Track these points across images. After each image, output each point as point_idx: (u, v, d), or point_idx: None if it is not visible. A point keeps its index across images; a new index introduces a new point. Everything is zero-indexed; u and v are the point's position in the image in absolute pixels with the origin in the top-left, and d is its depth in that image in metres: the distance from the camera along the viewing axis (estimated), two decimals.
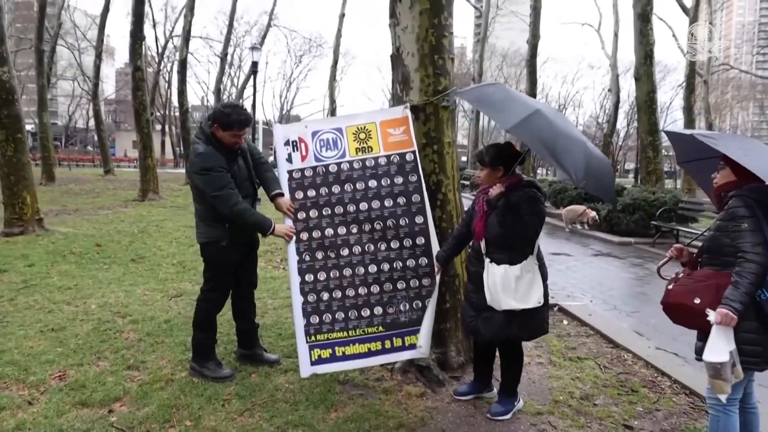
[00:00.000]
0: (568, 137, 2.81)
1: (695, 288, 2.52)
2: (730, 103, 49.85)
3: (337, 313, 3.50)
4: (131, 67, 16.44)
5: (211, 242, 3.57)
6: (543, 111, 2.89)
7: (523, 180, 3.20)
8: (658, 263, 3.04)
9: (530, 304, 3.04)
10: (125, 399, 3.33)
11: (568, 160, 2.68)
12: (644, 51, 13.48)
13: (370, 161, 3.62)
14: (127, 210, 13.38)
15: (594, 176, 2.80)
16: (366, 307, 3.53)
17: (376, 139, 3.64)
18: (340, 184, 3.59)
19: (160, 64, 40.92)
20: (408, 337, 3.56)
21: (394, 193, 3.58)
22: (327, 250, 3.53)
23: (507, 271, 3.05)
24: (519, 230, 3.05)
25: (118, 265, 7.01)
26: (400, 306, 3.55)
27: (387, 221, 3.56)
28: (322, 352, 3.47)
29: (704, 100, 26.28)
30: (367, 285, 3.53)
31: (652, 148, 13.45)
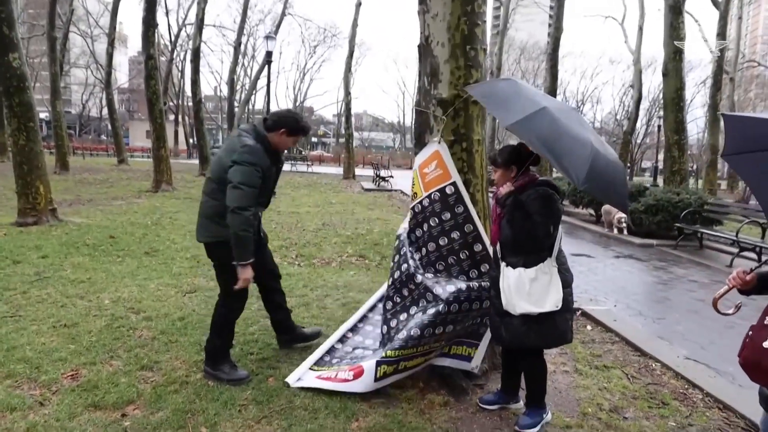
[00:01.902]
0: (573, 137, 2.63)
1: None
2: (753, 101, 48.83)
3: (413, 330, 3.39)
4: (144, 55, 16.36)
5: (220, 242, 3.36)
6: (550, 109, 2.72)
7: (538, 179, 3.07)
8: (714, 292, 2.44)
9: (546, 307, 2.92)
10: (139, 402, 3.21)
11: (569, 161, 2.53)
12: (674, 45, 13.04)
13: (417, 207, 3.65)
14: (140, 201, 13.34)
15: (600, 179, 2.62)
16: (441, 325, 3.42)
17: (418, 184, 3.66)
18: (412, 232, 3.73)
19: (173, 53, 41.01)
20: (466, 348, 3.66)
21: (445, 230, 3.54)
22: (408, 280, 3.58)
23: (521, 273, 2.96)
24: (528, 230, 2.93)
25: (132, 258, 6.92)
26: (467, 323, 3.55)
27: (448, 258, 3.56)
28: (388, 368, 3.38)
29: (729, 98, 25.76)
30: (448, 304, 3.40)
31: (677, 147, 13.08)
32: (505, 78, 4.61)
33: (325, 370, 3.58)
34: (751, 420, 3.40)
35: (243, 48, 39.30)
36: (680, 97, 13.37)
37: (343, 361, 3.71)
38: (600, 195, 2.83)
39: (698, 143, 38.44)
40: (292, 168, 32.77)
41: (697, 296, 7.14)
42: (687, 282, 8.01)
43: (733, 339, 5.31)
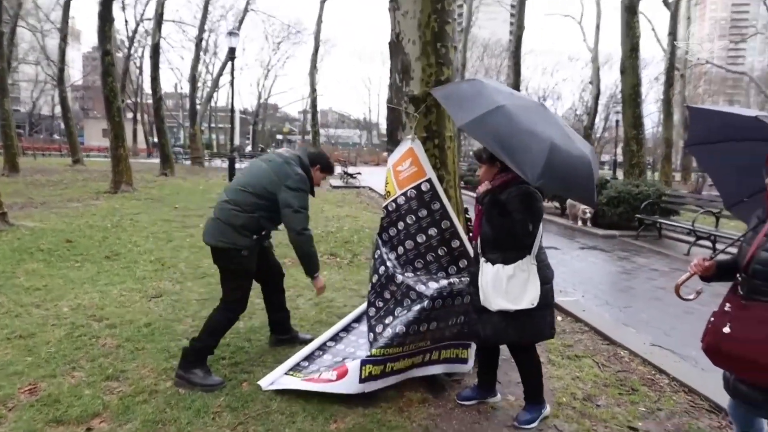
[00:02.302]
0: (530, 133, 2.62)
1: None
2: (702, 96, 50.87)
3: (398, 327, 3.34)
4: (100, 51, 15.74)
5: (233, 249, 3.48)
6: (507, 107, 2.72)
7: (519, 178, 3.02)
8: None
9: (522, 305, 2.93)
10: (105, 414, 3.06)
11: (523, 158, 2.54)
12: (630, 43, 13.48)
13: (391, 205, 3.60)
14: (98, 203, 12.84)
15: (558, 175, 2.60)
16: (425, 322, 3.39)
17: (392, 182, 3.62)
18: (385, 231, 3.67)
19: (131, 49, 39.72)
20: (444, 351, 3.62)
21: (423, 227, 3.52)
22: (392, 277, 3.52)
23: (499, 270, 2.96)
24: (507, 227, 2.93)
25: (91, 263, 6.62)
26: (449, 321, 3.50)
27: (427, 256, 3.54)
28: (374, 368, 3.29)
29: (681, 93, 26.73)
30: (432, 300, 3.38)
31: (635, 141, 13.49)
32: (470, 79, 4.63)
33: (299, 376, 3.50)
34: (714, 402, 3.53)
35: (204, 44, 38.36)
36: (637, 93, 13.80)
37: (323, 368, 3.61)
38: (559, 190, 2.83)
39: (653, 137, 39.70)
40: None
41: (659, 284, 7.37)
42: (648, 271, 8.26)
43: (694, 324, 5.49)
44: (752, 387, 2.17)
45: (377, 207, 14.12)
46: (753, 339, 2.02)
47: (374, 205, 15.11)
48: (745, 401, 2.23)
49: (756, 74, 47.66)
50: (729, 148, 2.55)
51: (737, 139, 2.47)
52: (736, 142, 2.49)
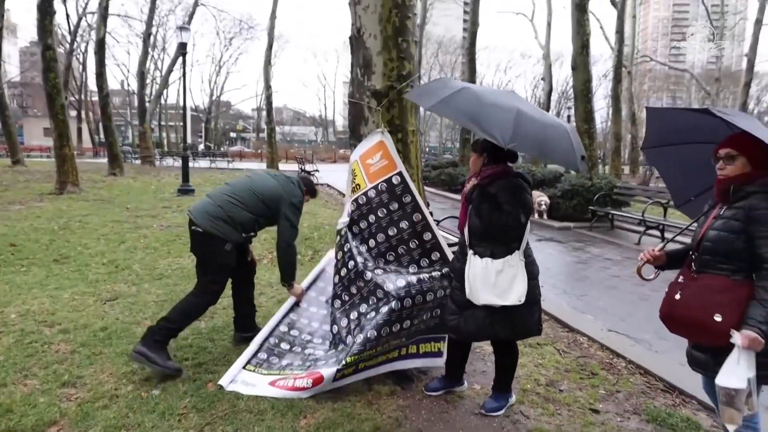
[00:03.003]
0: (495, 105, 2.74)
1: (714, 302, 2.17)
2: (647, 93, 53.08)
3: (370, 332, 3.31)
4: (40, 46, 14.87)
5: (218, 238, 3.59)
6: (472, 87, 2.89)
7: (511, 171, 3.09)
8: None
9: (509, 300, 2.92)
10: (62, 422, 2.92)
11: (492, 124, 2.63)
12: (581, 41, 13.90)
13: (361, 198, 3.60)
14: (43, 204, 12.20)
15: (530, 138, 2.70)
16: (398, 323, 3.39)
17: (361, 175, 3.62)
18: (356, 224, 3.69)
19: (73, 44, 38.02)
20: (422, 345, 3.63)
21: (394, 220, 3.52)
22: (359, 277, 3.55)
23: (488, 264, 2.95)
24: (496, 220, 2.95)
25: (39, 267, 6.29)
26: (423, 316, 3.50)
27: (398, 248, 3.54)
28: (347, 370, 3.31)
29: (628, 89, 27.74)
30: (401, 299, 3.37)
31: (587, 135, 13.92)
32: (438, 78, 4.74)
33: (264, 372, 3.45)
34: (668, 382, 3.73)
35: (153, 39, 37.16)
36: (588, 89, 14.27)
37: (285, 358, 3.59)
38: (535, 153, 2.95)
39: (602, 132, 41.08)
40: (212, 165, 31.55)
41: (613, 273, 7.67)
42: (603, 260, 8.57)
43: (647, 310, 5.76)
44: (703, 352, 2.34)
45: (336, 204, 14.05)
46: (700, 304, 2.22)
47: (333, 201, 15.02)
48: (700, 367, 2.38)
49: (697, 71, 50.04)
50: (677, 151, 2.74)
51: (685, 142, 2.67)
52: (683, 146, 2.69)
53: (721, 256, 2.24)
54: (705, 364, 2.32)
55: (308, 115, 76.62)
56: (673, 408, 3.37)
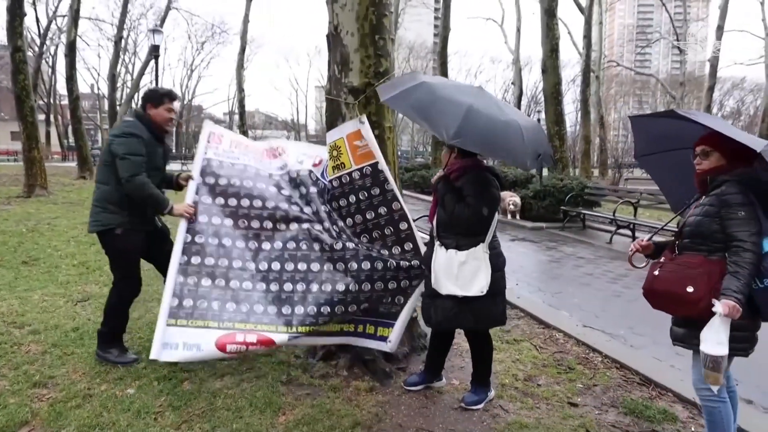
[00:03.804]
0: (448, 101, 2.74)
1: (687, 275, 2.41)
2: (614, 97, 54.27)
3: (324, 307, 3.35)
4: (9, 48, 14.59)
5: (107, 230, 3.52)
6: (429, 82, 2.91)
7: (481, 165, 3.14)
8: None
9: (471, 291, 2.98)
10: (34, 422, 2.86)
11: (439, 120, 2.66)
12: (550, 44, 14.18)
13: (345, 178, 3.58)
14: (10, 207, 11.91)
15: (478, 135, 2.67)
16: (354, 304, 3.42)
17: (347, 154, 3.59)
18: (328, 203, 3.64)
19: (42, 47, 37.09)
20: (381, 328, 3.57)
21: (374, 204, 3.53)
22: (323, 243, 3.47)
23: (452, 256, 3.01)
24: (459, 212, 2.99)
25: (7, 269, 6.15)
26: (383, 299, 3.53)
27: (373, 233, 3.55)
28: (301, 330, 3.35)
29: (596, 93, 28.32)
30: (359, 282, 3.41)
31: (558, 137, 14.18)
32: (408, 73, 4.75)
33: (198, 324, 3.20)
34: (644, 375, 3.79)
35: (124, 43, 36.47)
36: (558, 92, 14.55)
37: (213, 300, 3.29)
38: (482, 150, 2.96)
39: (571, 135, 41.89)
40: (183, 167, 31.06)
41: (586, 271, 7.80)
42: (576, 259, 8.72)
43: (621, 306, 5.90)
44: (681, 326, 2.55)
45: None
46: (675, 278, 2.45)
47: None
48: (679, 340, 2.56)
49: (662, 77, 51.40)
50: (670, 157, 2.90)
51: (674, 148, 2.85)
52: (674, 152, 2.87)
53: (699, 238, 2.47)
54: (683, 337, 2.52)
55: (280, 119, 76.16)
56: (650, 400, 3.44)
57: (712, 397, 2.49)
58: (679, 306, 2.47)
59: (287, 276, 3.42)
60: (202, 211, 3.40)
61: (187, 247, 3.34)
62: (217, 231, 3.40)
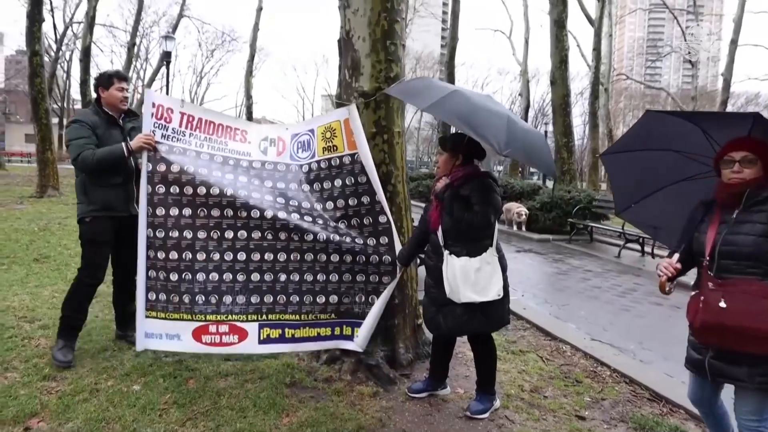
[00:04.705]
0: (487, 111, 2.79)
1: (762, 308, 2.14)
2: (623, 111, 54.14)
3: (293, 296, 3.45)
4: (28, 52, 14.92)
5: (80, 219, 3.64)
6: (462, 90, 2.93)
7: (480, 171, 3.16)
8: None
9: (489, 296, 2.99)
10: (44, 414, 2.90)
11: (488, 130, 2.65)
12: (560, 56, 14.18)
13: (335, 160, 3.59)
14: (23, 207, 12.10)
15: (519, 144, 2.76)
16: (322, 294, 3.50)
17: (341, 137, 3.58)
18: (310, 183, 3.61)
19: (59, 53, 37.71)
20: (357, 329, 3.57)
21: (359, 192, 3.54)
22: (290, 232, 3.44)
23: (466, 263, 3.00)
24: (469, 220, 3.00)
25: (19, 266, 6.25)
26: (356, 297, 3.55)
27: (352, 220, 3.56)
28: (272, 332, 3.44)
29: (605, 106, 28.22)
30: (327, 272, 3.51)
31: (566, 149, 14.15)
32: (419, 77, 4.79)
33: (173, 317, 3.34)
34: (655, 391, 3.73)
35: (136, 49, 36.98)
36: (567, 103, 14.53)
37: (184, 294, 3.36)
38: (523, 159, 2.96)
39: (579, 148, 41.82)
40: None
41: (594, 284, 7.76)
42: (583, 272, 8.67)
43: (630, 321, 5.86)
44: (737, 363, 2.28)
45: None
46: (748, 311, 2.16)
47: None
48: (733, 378, 2.31)
49: (672, 91, 51.19)
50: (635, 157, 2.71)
51: (644, 148, 2.67)
52: (642, 152, 2.68)
53: (747, 261, 2.23)
54: (744, 375, 2.27)
55: None
56: (661, 417, 3.38)
57: (759, 428, 2.30)
58: (749, 342, 2.18)
59: (254, 266, 3.44)
60: (158, 203, 3.35)
61: (151, 242, 3.37)
62: (176, 223, 3.36)
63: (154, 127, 3.39)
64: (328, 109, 43.67)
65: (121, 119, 3.77)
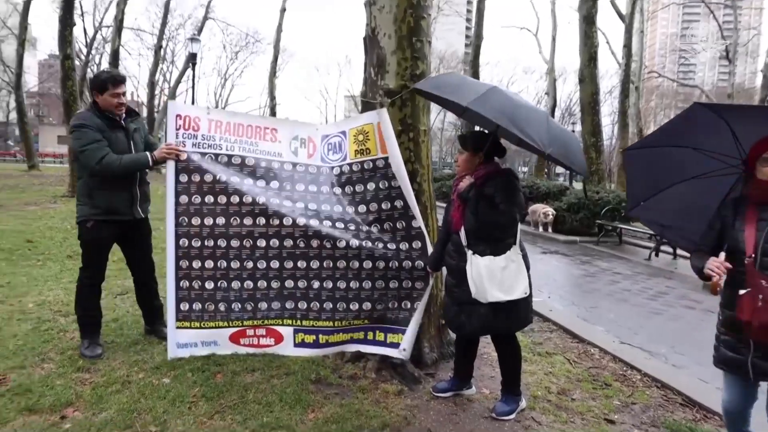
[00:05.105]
0: (527, 108, 2.80)
1: None
2: (654, 110, 52.83)
3: (326, 303, 3.52)
4: (60, 55, 15.42)
5: (81, 221, 3.60)
6: (499, 87, 2.94)
7: (501, 169, 3.12)
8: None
9: (516, 294, 2.95)
10: (78, 404, 2.99)
11: (531, 129, 2.62)
12: (589, 53, 13.93)
13: (368, 164, 3.58)
14: (56, 206, 12.50)
15: (560, 144, 2.75)
16: (356, 301, 3.53)
17: (374, 140, 3.56)
18: (342, 186, 3.63)
19: (89, 56, 38.70)
20: (390, 335, 3.59)
21: (392, 196, 3.54)
22: (323, 239, 3.50)
23: (491, 262, 2.96)
24: (494, 219, 2.97)
25: (54, 262, 6.47)
26: (389, 304, 3.56)
27: (384, 224, 3.56)
28: (306, 336, 3.55)
29: (635, 105, 27.63)
30: (359, 279, 3.53)
31: (594, 148, 13.89)
32: (448, 72, 4.77)
33: (208, 325, 3.53)
34: (688, 396, 3.63)
35: (163, 52, 37.72)
36: (596, 102, 14.25)
37: (219, 302, 3.51)
38: (561, 157, 2.83)
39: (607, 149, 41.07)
40: None
41: (623, 287, 7.61)
42: (611, 274, 8.51)
43: (661, 324, 5.73)
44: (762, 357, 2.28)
45: None
46: None
47: None
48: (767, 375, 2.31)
49: (707, 88, 49.74)
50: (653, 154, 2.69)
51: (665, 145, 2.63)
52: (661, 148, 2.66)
53: None
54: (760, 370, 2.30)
55: None
56: (694, 422, 3.29)
57: None
58: None
59: (287, 273, 3.54)
60: (194, 213, 3.46)
61: (185, 252, 3.47)
62: (212, 232, 3.47)
63: (183, 137, 3.46)
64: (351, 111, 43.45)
65: (123, 120, 3.71)
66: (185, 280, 3.48)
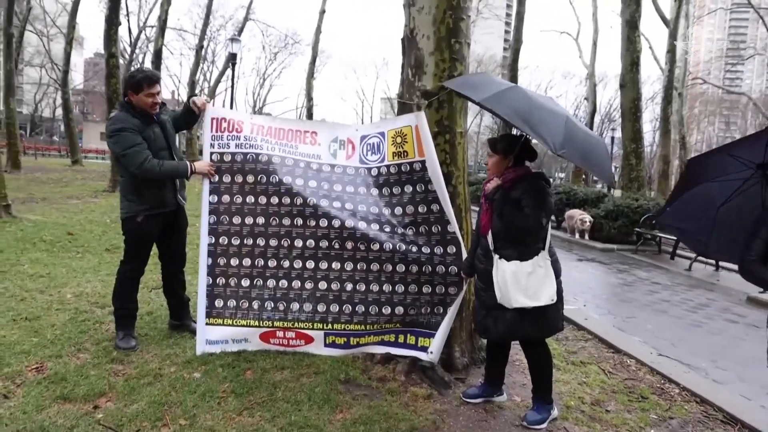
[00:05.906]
0: (547, 110, 2.71)
1: None
2: (698, 117, 51.33)
3: (358, 306, 3.53)
4: (105, 54, 15.92)
5: (129, 217, 3.65)
6: (521, 87, 2.89)
7: (531, 172, 3.06)
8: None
9: (542, 301, 2.89)
10: (111, 394, 3.05)
11: (544, 129, 2.57)
12: (631, 58, 13.57)
13: (405, 166, 3.57)
14: (97, 200, 12.90)
15: (578, 147, 2.68)
16: (388, 305, 3.53)
17: (412, 143, 3.55)
18: (379, 188, 3.64)
19: (132, 55, 39.93)
20: (422, 339, 3.57)
21: (428, 200, 3.52)
22: (358, 242, 3.53)
23: (517, 267, 2.91)
24: (520, 223, 2.90)
25: (92, 255, 6.64)
26: (422, 309, 3.55)
27: (420, 227, 3.54)
28: (337, 339, 3.58)
29: (678, 112, 26.84)
30: (392, 283, 3.54)
31: (635, 155, 13.52)
32: (478, 73, 4.74)
33: (240, 323, 3.62)
34: (729, 413, 3.48)
35: (204, 52, 38.62)
36: (637, 108, 13.85)
37: (253, 300, 3.60)
38: (580, 162, 2.86)
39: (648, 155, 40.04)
40: None
41: (662, 297, 7.37)
42: (650, 284, 8.26)
43: (702, 337, 5.52)
44: None
45: None
46: None
47: None
48: None
49: (755, 96, 48.02)
50: None
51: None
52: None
53: None
54: None
55: None
56: None
57: None
58: None
59: (321, 275, 3.57)
60: (235, 212, 3.59)
61: (223, 249, 3.60)
62: (251, 231, 3.58)
63: (228, 139, 3.59)
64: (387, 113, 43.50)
65: (156, 115, 3.75)
66: (221, 277, 3.59)
